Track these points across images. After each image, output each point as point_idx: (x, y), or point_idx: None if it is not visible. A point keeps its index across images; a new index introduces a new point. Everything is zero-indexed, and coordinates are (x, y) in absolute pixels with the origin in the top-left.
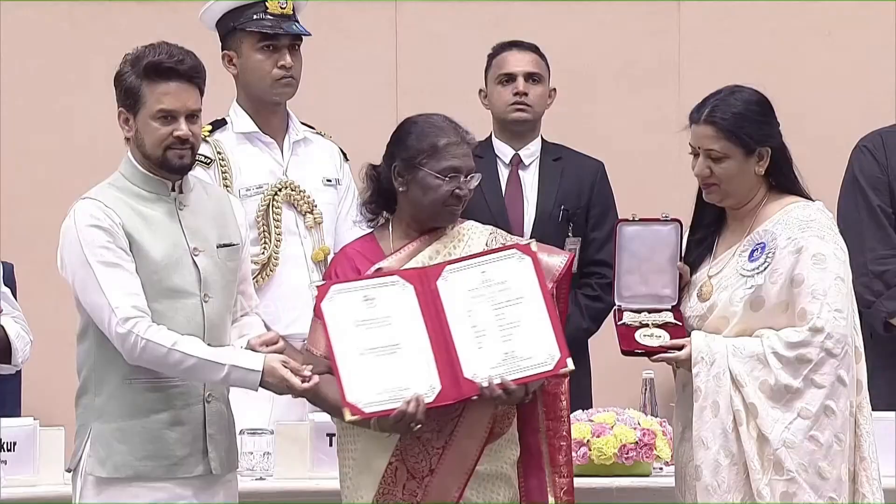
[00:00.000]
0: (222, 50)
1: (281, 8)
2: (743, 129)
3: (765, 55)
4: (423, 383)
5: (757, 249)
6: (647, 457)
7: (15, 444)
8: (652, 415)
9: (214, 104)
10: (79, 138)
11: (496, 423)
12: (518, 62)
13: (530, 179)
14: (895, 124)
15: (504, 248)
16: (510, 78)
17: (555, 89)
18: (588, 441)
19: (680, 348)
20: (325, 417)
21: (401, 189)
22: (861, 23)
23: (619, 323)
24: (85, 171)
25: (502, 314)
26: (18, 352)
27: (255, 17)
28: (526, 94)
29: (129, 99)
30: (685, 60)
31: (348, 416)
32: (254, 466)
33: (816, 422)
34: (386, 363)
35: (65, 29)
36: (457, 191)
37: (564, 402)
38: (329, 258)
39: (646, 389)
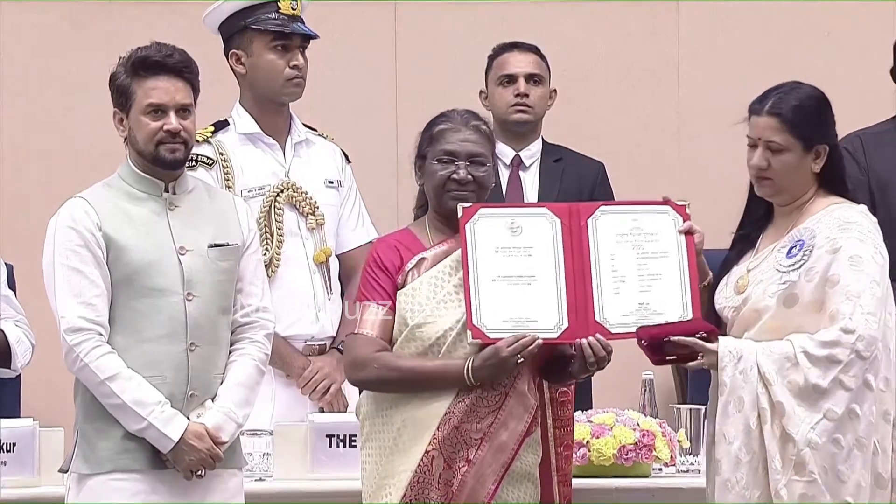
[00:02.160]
0: (228, 50)
1: (292, 9)
2: (805, 123)
3: (764, 55)
4: (550, 319)
5: (795, 246)
6: (646, 458)
7: (14, 444)
8: (651, 416)
9: (217, 105)
10: (78, 139)
11: (533, 419)
12: (519, 63)
13: (531, 180)
14: (873, 126)
15: (659, 202)
16: (511, 79)
17: (555, 90)
18: (587, 442)
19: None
20: (324, 419)
21: (419, 183)
22: (861, 23)
23: (643, 344)
24: (84, 172)
25: (645, 264)
26: (18, 356)
27: (267, 16)
28: (527, 96)
29: (121, 98)
30: (684, 61)
31: (470, 339)
32: (253, 467)
33: (841, 424)
34: (517, 293)
35: (65, 29)
36: (453, 175)
37: (569, 410)
38: (331, 260)
39: (645, 391)
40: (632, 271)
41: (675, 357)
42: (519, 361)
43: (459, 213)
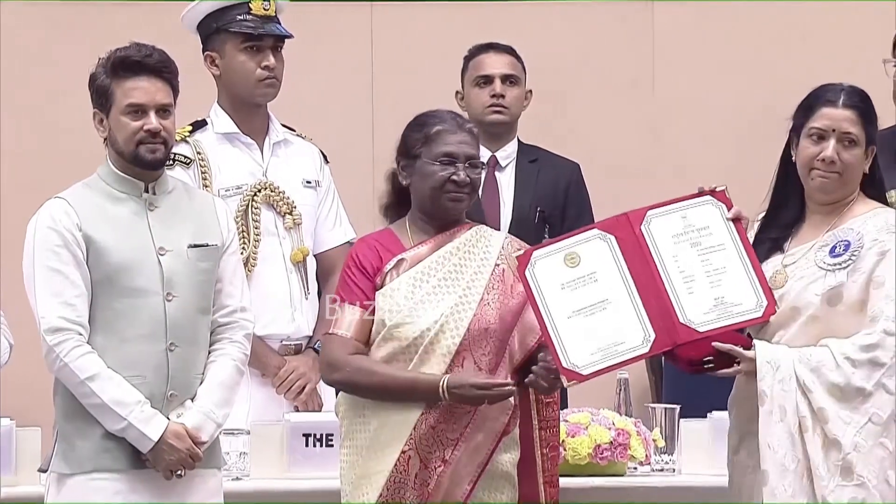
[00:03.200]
0: (204, 51)
1: (264, 9)
2: (873, 120)
3: (738, 56)
4: (637, 335)
5: (839, 246)
6: (621, 456)
7: None
8: (626, 415)
9: (196, 105)
10: (60, 140)
11: (510, 419)
12: (494, 64)
13: (507, 181)
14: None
15: (699, 194)
16: (487, 80)
17: (531, 91)
18: (563, 441)
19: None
20: (300, 418)
21: (405, 183)
22: (838, 24)
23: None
24: (64, 173)
25: (708, 260)
26: None
27: (238, 18)
28: (503, 96)
29: (100, 98)
30: (659, 62)
31: (566, 383)
32: (230, 466)
33: (886, 428)
34: (596, 321)
35: (57, 30)
36: (453, 177)
37: (555, 411)
38: (308, 259)
39: (620, 390)
40: (698, 269)
41: (712, 365)
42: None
43: (514, 264)
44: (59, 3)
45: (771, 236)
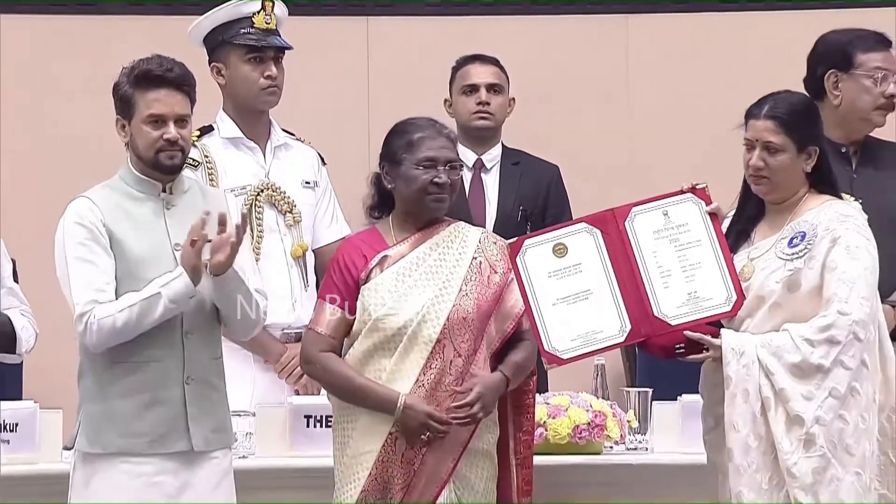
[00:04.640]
0: (210, 62)
1: (266, 23)
2: (799, 126)
3: (708, 66)
4: (614, 325)
5: (797, 237)
6: (598, 436)
7: (17, 425)
8: (603, 398)
9: (202, 112)
10: (71, 141)
11: None
12: (480, 74)
13: (492, 182)
14: None
15: (680, 192)
16: (473, 88)
17: (514, 99)
18: (544, 422)
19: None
20: (302, 400)
21: (390, 186)
22: (810, 34)
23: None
24: (76, 171)
25: (685, 255)
26: (23, 342)
27: (242, 31)
28: (488, 104)
29: (124, 106)
30: (633, 71)
31: (547, 366)
32: (237, 446)
33: (844, 402)
34: (578, 310)
35: (56, 42)
36: (435, 179)
37: (530, 398)
38: (307, 254)
39: (597, 375)
40: (675, 264)
41: (683, 351)
42: (424, 436)
43: (507, 250)
44: (59, 17)
45: (738, 228)
